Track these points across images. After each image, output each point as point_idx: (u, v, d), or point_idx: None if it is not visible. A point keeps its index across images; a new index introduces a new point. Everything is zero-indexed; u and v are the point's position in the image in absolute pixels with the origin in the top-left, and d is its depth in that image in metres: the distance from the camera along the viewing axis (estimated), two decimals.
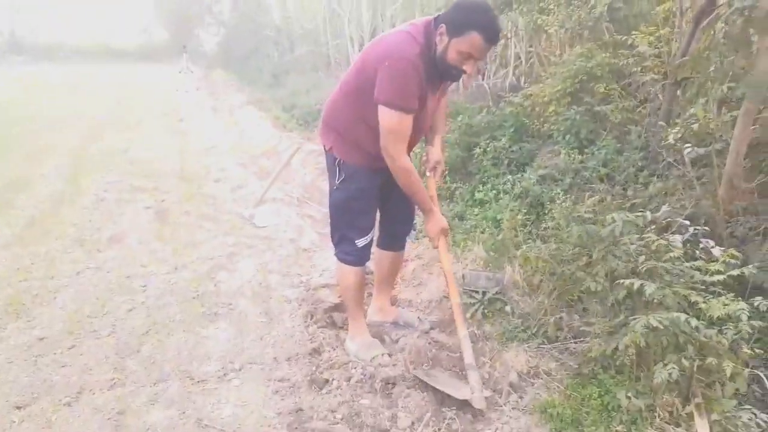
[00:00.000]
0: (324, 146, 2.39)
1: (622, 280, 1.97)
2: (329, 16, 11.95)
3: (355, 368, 2.41)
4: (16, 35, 28.78)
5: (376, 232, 2.56)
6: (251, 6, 18.14)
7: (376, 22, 10.26)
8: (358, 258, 2.47)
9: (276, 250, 3.85)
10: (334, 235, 2.51)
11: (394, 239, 2.69)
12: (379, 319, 2.80)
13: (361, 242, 2.42)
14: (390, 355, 2.48)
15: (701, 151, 2.98)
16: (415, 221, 2.88)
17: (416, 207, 2.54)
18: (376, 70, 2.03)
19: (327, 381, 2.36)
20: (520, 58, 6.91)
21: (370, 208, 2.45)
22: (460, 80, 2.28)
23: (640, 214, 2.18)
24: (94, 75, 16.94)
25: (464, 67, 2.04)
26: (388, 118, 2.05)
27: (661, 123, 3.62)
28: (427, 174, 2.53)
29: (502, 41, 7.00)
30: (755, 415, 1.72)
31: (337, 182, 2.35)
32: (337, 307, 2.93)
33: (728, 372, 1.75)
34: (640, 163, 3.87)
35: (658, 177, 3.61)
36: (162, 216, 4.50)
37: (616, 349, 1.91)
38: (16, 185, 5.25)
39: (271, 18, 16.26)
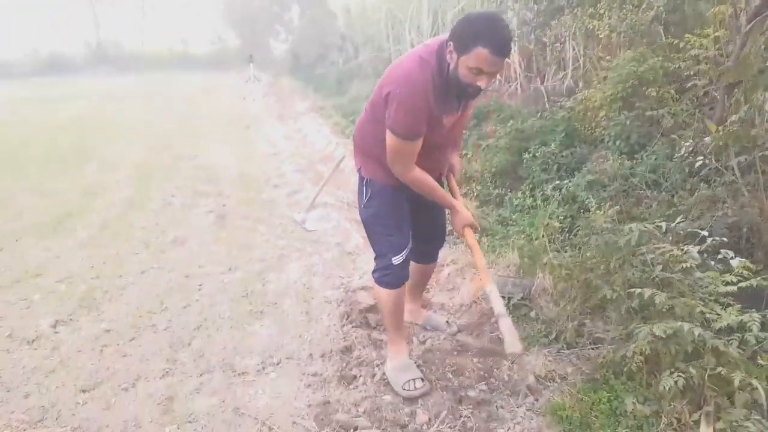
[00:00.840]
0: (356, 166, 2.48)
1: (635, 289, 2.01)
2: (391, 21, 12.16)
3: (378, 367, 2.56)
4: (102, 47, 30.95)
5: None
6: (318, 14, 18.69)
7: (436, 27, 10.36)
8: (396, 278, 2.42)
9: (322, 254, 4.06)
10: (375, 252, 2.50)
11: (424, 255, 2.75)
12: (409, 320, 2.88)
13: (397, 260, 2.39)
14: (422, 380, 2.42)
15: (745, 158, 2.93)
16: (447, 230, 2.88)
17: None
18: (388, 95, 2.07)
19: (355, 377, 2.52)
20: (578, 60, 6.83)
21: (401, 224, 2.43)
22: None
23: (660, 224, 2.20)
24: (170, 83, 17.99)
25: (478, 83, 1.99)
26: (392, 142, 2.11)
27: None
28: (443, 179, 2.56)
29: (559, 44, 6.98)
30: (763, 424, 1.73)
31: (364, 200, 2.43)
32: (372, 309, 3.09)
33: (736, 381, 1.77)
34: (688, 170, 3.80)
35: (706, 183, 3.54)
36: (222, 220, 4.82)
37: (625, 356, 1.96)
38: (92, 191, 5.77)
39: (337, 25, 16.69)
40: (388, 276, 2.42)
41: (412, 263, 2.68)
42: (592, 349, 2.37)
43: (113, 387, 2.54)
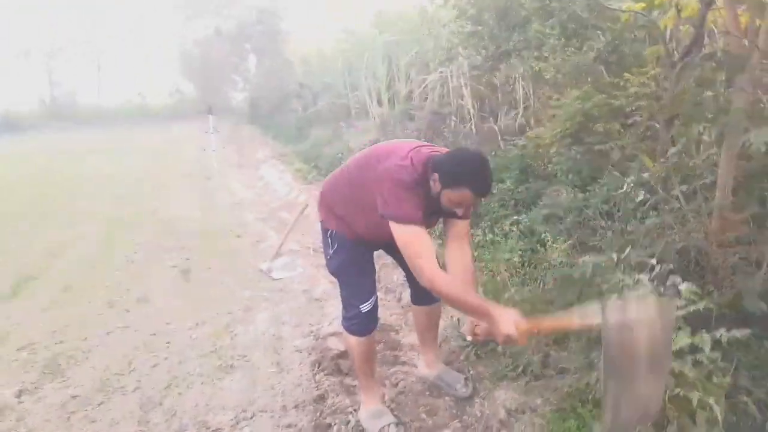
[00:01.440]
0: (319, 218, 2.52)
1: None
2: (348, 69, 12.47)
3: (352, 414, 2.57)
4: (57, 103, 30.58)
5: (377, 296, 2.50)
6: (275, 63, 19.00)
7: (391, 73, 10.68)
8: (363, 326, 2.42)
9: (289, 302, 4.07)
10: (342, 301, 2.50)
11: (420, 296, 2.65)
12: (426, 373, 2.82)
13: (365, 307, 2.39)
14: (397, 425, 2.44)
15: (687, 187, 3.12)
16: None
17: None
18: (379, 189, 2.12)
19: (329, 425, 2.52)
20: (528, 99, 7.13)
21: (368, 272, 2.46)
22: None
23: (612, 254, 2.32)
24: (128, 136, 17.88)
25: (456, 211, 2.15)
26: (400, 233, 2.08)
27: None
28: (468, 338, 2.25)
29: (509, 85, 7.30)
30: None
31: (330, 251, 2.46)
32: (343, 355, 3.10)
33: (695, 401, 1.86)
34: (638, 199, 3.99)
35: (655, 211, 3.72)
36: (186, 274, 4.79)
37: (588, 383, 2.04)
38: (52, 250, 5.65)
39: (295, 73, 16.98)
40: (356, 324, 2.43)
41: (414, 307, 2.73)
42: (559, 379, 2.44)
43: None
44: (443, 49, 7.58)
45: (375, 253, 2.55)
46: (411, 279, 2.48)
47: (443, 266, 2.18)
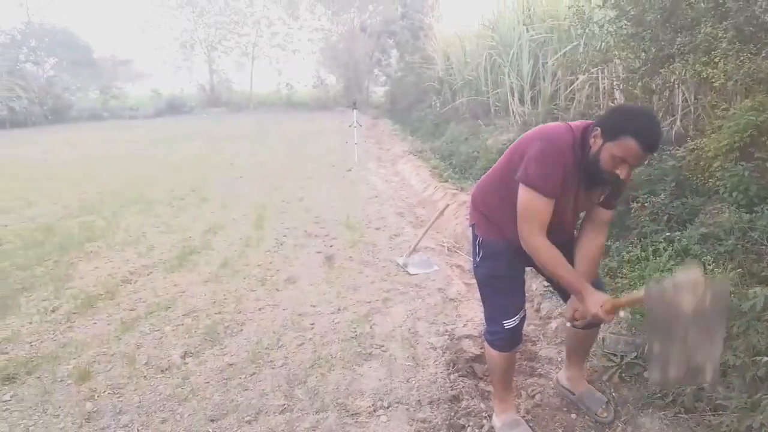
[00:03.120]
0: (470, 222, 2.46)
1: (762, 357, 1.95)
2: (490, 66, 12.34)
3: (486, 419, 2.60)
4: (215, 90, 33.71)
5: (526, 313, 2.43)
6: (416, 59, 19.25)
7: (536, 71, 10.41)
8: (507, 343, 2.35)
9: (425, 298, 4.17)
10: (485, 314, 2.45)
11: None
12: (567, 387, 2.72)
13: (509, 324, 2.30)
14: None
15: None
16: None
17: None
18: (526, 150, 2.07)
19: (463, 427, 2.57)
20: (688, 107, 6.61)
21: (515, 288, 2.36)
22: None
23: None
24: (277, 125, 19.13)
25: (617, 172, 1.96)
26: (522, 196, 2.05)
27: None
28: (567, 324, 2.39)
29: (668, 91, 6.80)
30: None
31: (477, 259, 2.39)
32: (478, 358, 3.14)
33: None
34: None
35: None
36: (329, 260, 5.09)
37: (751, 426, 1.89)
38: (214, 229, 6.27)
39: (435, 69, 17.10)
40: (499, 341, 2.37)
41: (570, 329, 2.57)
42: (713, 415, 2.28)
43: (238, 419, 2.76)
44: (597, 50, 7.23)
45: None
46: (564, 295, 2.36)
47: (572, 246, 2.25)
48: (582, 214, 2.36)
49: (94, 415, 2.80)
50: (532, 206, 2.06)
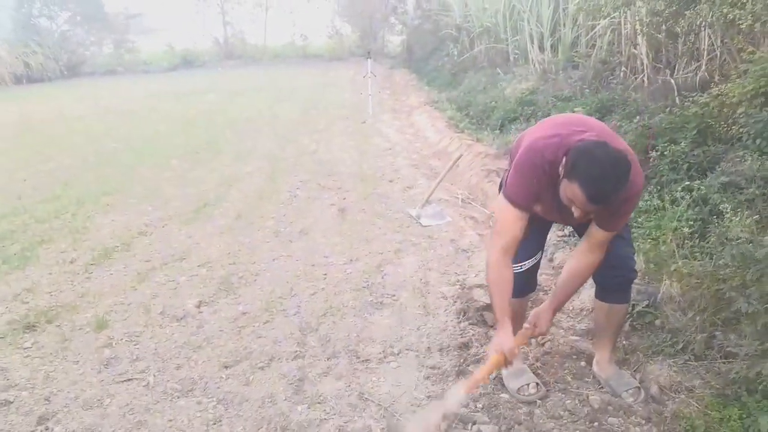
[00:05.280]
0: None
1: None
2: (509, 12, 11.95)
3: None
4: (229, 43, 33.20)
5: (538, 261, 2.44)
6: (433, 6, 18.70)
7: (557, 17, 10.06)
8: (517, 287, 2.26)
9: (437, 249, 4.17)
10: None
11: (609, 290, 2.38)
12: (596, 372, 2.53)
13: (516, 267, 2.27)
14: (537, 384, 2.41)
15: None
16: (635, 266, 2.44)
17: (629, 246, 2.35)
18: (518, 150, 2.11)
19: (472, 373, 2.59)
20: (714, 51, 6.35)
21: (536, 233, 2.32)
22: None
23: None
24: (291, 77, 18.90)
25: (572, 209, 1.93)
26: (497, 204, 2.10)
27: None
28: (525, 326, 2.33)
29: (693, 35, 6.52)
30: None
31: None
32: (488, 307, 3.12)
33: None
34: None
35: None
36: (342, 212, 5.09)
37: (761, 373, 1.86)
38: (226, 182, 6.30)
39: (452, 17, 16.60)
40: None
41: (595, 302, 2.50)
42: (723, 363, 2.27)
43: (251, 365, 2.82)
44: None
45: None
46: (597, 270, 2.24)
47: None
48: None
49: (112, 362, 2.88)
50: (502, 217, 2.13)
